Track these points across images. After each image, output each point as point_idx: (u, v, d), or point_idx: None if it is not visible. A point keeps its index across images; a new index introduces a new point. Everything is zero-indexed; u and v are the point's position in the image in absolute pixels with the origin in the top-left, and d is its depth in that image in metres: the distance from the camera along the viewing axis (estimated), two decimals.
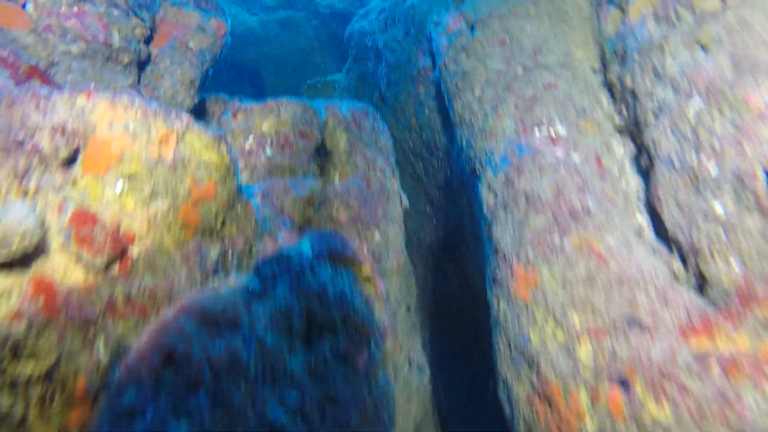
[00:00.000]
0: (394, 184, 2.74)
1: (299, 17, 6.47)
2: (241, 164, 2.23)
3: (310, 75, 6.43)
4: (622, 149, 2.28)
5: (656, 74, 2.01)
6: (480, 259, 3.27)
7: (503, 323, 2.12)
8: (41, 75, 2.04)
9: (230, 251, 1.71)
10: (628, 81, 2.21)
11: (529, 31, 2.71)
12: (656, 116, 1.98)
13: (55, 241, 1.33)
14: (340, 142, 2.52)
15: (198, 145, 1.61)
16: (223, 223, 1.71)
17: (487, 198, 2.45)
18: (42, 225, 1.29)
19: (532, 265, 1.99)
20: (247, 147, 2.24)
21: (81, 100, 1.46)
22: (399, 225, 2.72)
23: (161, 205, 1.53)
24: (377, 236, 2.35)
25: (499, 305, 2.17)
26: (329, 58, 6.47)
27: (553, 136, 2.30)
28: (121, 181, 1.47)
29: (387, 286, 2.53)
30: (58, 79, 2.30)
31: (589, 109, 2.37)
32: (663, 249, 1.84)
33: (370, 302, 1.67)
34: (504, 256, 2.14)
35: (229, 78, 6.12)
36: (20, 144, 1.30)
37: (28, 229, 1.23)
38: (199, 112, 3.26)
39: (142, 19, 2.59)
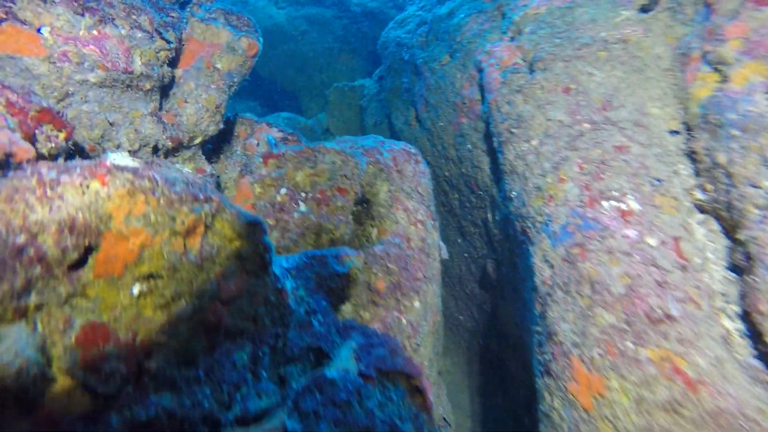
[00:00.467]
0: (434, 237, 2.49)
1: (328, 14, 6.14)
2: (271, 221, 1.99)
3: (336, 77, 6.12)
4: (702, 231, 2.00)
5: (765, 162, 1.72)
6: (518, 313, 3.02)
7: (557, 422, 1.88)
8: (53, 118, 1.80)
9: (261, 351, 1.48)
10: (720, 158, 1.92)
11: (599, 79, 2.40)
12: (761, 211, 1.70)
13: (58, 367, 1.11)
14: (380, 192, 2.26)
15: (229, 233, 1.37)
16: (255, 320, 1.48)
17: (541, 269, 2.19)
18: (43, 351, 1.07)
19: (598, 370, 1.74)
20: (278, 199, 2.00)
21: (95, 185, 1.22)
22: (437, 282, 2.48)
23: (185, 307, 1.30)
24: (416, 304, 2.12)
25: (552, 400, 1.93)
26: (358, 60, 6.15)
27: (625, 210, 2.02)
28: (138, 283, 1.24)
29: (423, 352, 2.30)
30: (72, 111, 2.06)
31: (665, 181, 2.09)
32: (766, 375, 1.58)
33: (419, 421, 1.44)
34: (562, 348, 1.89)
35: (252, 77, 5.86)
36: (20, 252, 1.07)
37: (24, 364, 1.01)
38: (223, 133, 3.01)
39: (168, 41, 2.33)
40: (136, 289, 1.23)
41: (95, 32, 2.08)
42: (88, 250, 1.20)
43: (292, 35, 5.99)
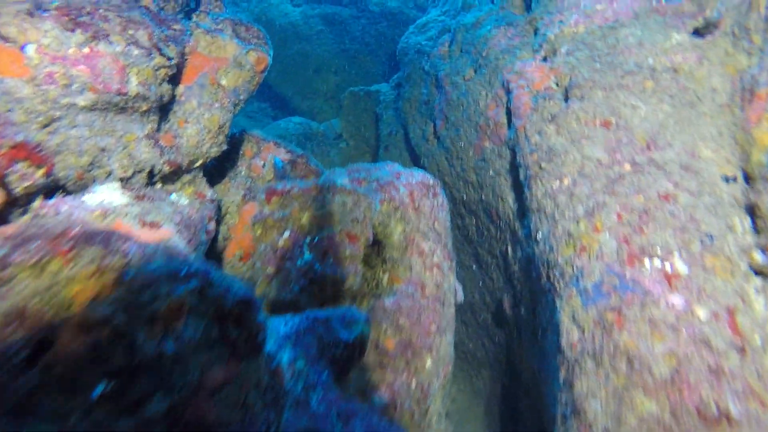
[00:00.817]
0: (450, 280, 2.27)
1: (345, 14, 5.88)
2: (271, 269, 1.79)
3: (352, 80, 5.88)
4: (763, 302, 1.75)
5: None
6: (536, 359, 2.80)
7: None
8: (30, 153, 1.62)
9: None
10: None
11: (643, 113, 2.14)
12: None
13: None
14: (394, 234, 2.05)
15: (217, 313, 1.17)
16: (244, 406, 1.28)
17: (569, 330, 1.96)
18: None
19: None
20: (281, 244, 1.80)
21: (55, 264, 1.03)
22: (451, 329, 2.26)
23: (158, 406, 1.11)
24: (428, 363, 1.92)
25: None
26: (375, 62, 5.90)
27: (670, 273, 1.78)
28: (102, 381, 1.06)
29: (432, 409, 2.09)
30: (58, 137, 1.87)
31: (718, 238, 1.84)
32: None
33: None
34: (591, 430, 1.67)
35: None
36: None
37: None
38: (227, 152, 2.81)
39: (168, 57, 2.12)
40: (98, 391, 1.04)
41: (87, 50, 1.88)
42: (42, 346, 1.01)
43: (307, 35, 5.76)
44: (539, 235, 2.35)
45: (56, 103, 1.81)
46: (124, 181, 2.11)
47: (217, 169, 2.82)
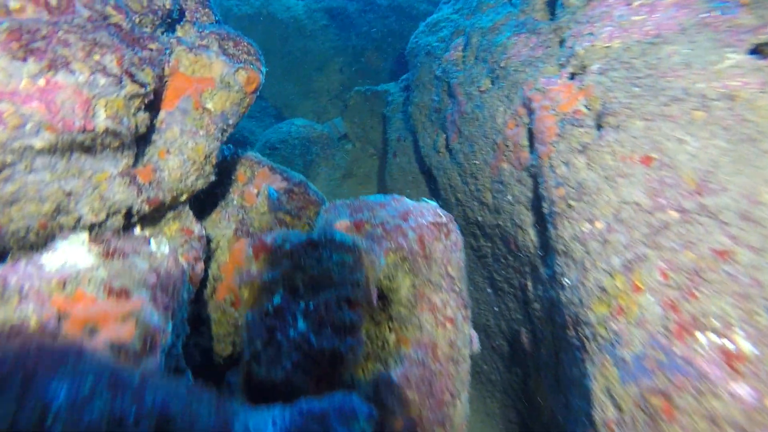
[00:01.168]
0: (465, 331, 2.01)
1: (351, 8, 5.52)
2: (259, 342, 1.54)
3: (358, 78, 5.56)
4: None
5: None
6: (558, 408, 2.54)
7: None
8: None
9: None
10: None
11: (692, 149, 1.84)
12: None
13: None
14: (401, 288, 1.79)
15: None
16: None
17: (603, 405, 1.70)
18: None
19: None
20: (270, 310, 1.56)
21: None
22: (467, 387, 2.01)
23: None
24: None
25: None
26: (382, 59, 5.56)
27: (731, 352, 1.50)
28: None
29: None
30: (13, 186, 1.61)
31: None
32: None
33: None
34: None
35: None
36: None
37: None
38: (218, 178, 2.54)
39: (142, 84, 1.84)
40: None
41: (42, 82, 1.61)
42: None
43: (311, 30, 5.42)
44: (566, 281, 2.07)
45: (6, 148, 1.55)
46: (97, 227, 1.85)
47: (207, 196, 2.56)
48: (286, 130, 4.72)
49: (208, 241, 2.38)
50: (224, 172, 2.57)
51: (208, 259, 2.31)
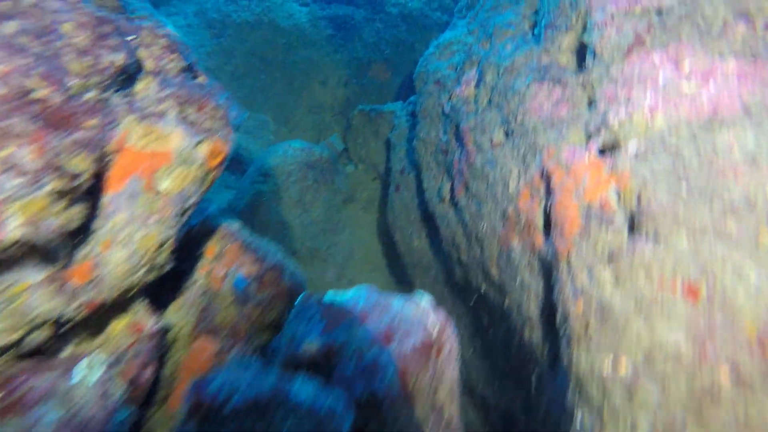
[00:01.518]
0: None
1: (358, 17, 5.08)
2: None
3: (364, 94, 5.15)
4: None
5: None
6: None
7: None
8: None
9: None
10: None
11: (754, 285, 1.44)
12: None
13: None
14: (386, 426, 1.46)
15: None
16: None
17: None
18: None
19: None
20: None
21: None
22: None
23: None
24: None
25: None
26: (391, 73, 5.13)
27: None
28: None
29: None
30: None
31: None
32: None
33: None
34: None
35: (266, 78, 4.91)
36: None
37: None
38: (182, 250, 2.20)
39: (75, 175, 1.51)
40: None
41: None
42: None
43: (314, 40, 5.00)
44: (579, 419, 1.71)
45: None
46: (14, 346, 1.55)
47: (171, 272, 2.24)
48: (282, 154, 4.37)
49: (167, 331, 2.07)
50: (191, 243, 2.24)
51: (163, 356, 2.01)
